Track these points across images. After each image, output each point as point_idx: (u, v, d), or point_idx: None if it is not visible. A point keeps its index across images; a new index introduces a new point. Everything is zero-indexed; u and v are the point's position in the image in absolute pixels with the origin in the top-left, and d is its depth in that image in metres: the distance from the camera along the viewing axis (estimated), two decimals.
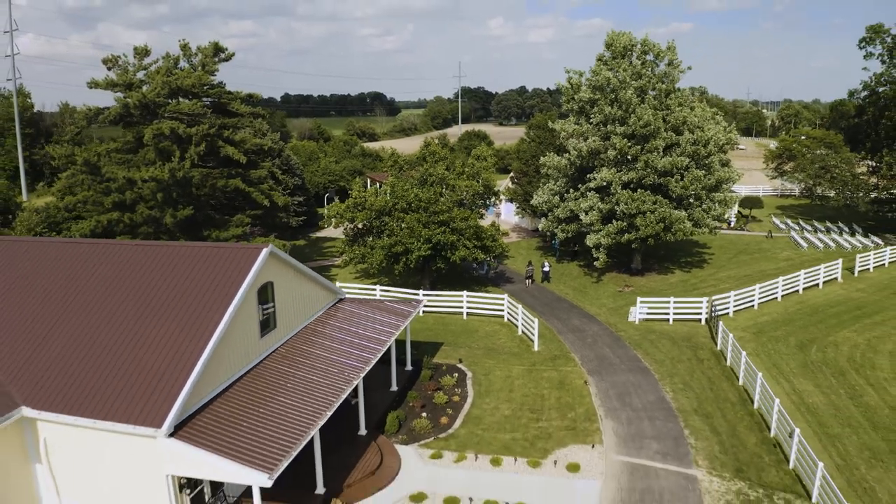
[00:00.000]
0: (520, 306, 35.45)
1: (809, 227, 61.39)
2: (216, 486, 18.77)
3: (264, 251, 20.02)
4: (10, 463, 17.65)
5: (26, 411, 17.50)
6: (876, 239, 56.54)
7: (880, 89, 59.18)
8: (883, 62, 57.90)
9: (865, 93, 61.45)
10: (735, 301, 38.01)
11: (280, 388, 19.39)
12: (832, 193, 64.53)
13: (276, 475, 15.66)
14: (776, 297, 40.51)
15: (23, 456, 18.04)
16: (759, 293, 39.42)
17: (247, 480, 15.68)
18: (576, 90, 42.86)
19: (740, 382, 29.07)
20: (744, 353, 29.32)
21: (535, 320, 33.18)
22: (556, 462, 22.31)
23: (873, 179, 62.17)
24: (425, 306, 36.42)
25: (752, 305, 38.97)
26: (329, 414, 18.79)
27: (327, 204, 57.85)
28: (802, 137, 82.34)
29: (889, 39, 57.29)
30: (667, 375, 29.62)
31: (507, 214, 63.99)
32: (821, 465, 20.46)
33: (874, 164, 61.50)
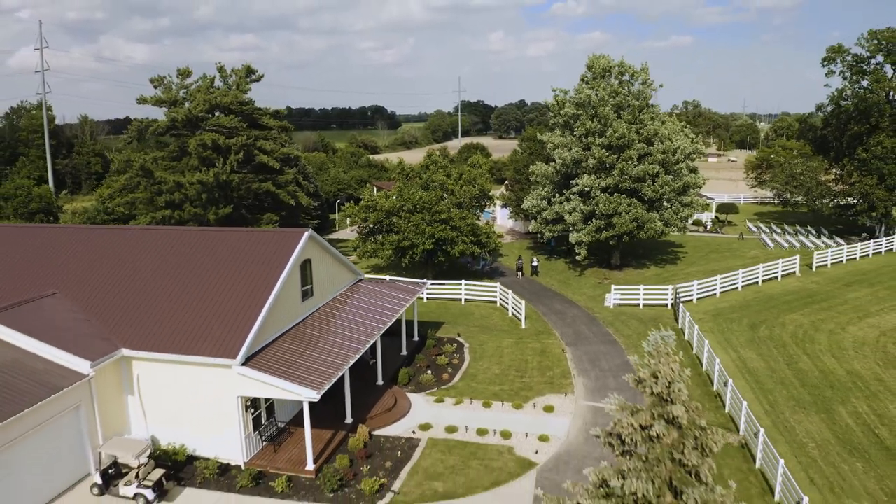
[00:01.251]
0: (510, 292, 41.08)
1: (779, 230, 67.08)
2: (269, 413, 24.31)
3: (306, 234, 25.69)
4: (109, 395, 23.12)
5: (125, 352, 23.03)
6: (839, 240, 62.19)
7: (842, 103, 65.08)
8: (844, 78, 63.81)
9: (831, 107, 67.35)
10: (698, 290, 43.62)
11: (319, 338, 24.96)
12: (800, 200, 70.23)
13: (322, 392, 21.20)
14: (737, 288, 46.13)
15: (118, 389, 23.54)
16: (721, 283, 45.05)
17: (300, 396, 21.19)
18: (561, 106, 48.69)
19: (694, 351, 34.62)
20: (696, 326, 34.93)
21: (522, 303, 38.81)
22: (535, 405, 27.79)
23: (838, 186, 67.82)
24: (429, 294, 42.01)
25: (714, 294, 44.57)
26: (357, 357, 24.37)
27: (338, 210, 63.53)
28: (780, 148, 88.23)
29: (849, 58, 63.27)
30: (632, 346, 35.17)
31: (502, 219, 69.66)
32: (745, 403, 26.01)
33: (839, 171, 67.17)
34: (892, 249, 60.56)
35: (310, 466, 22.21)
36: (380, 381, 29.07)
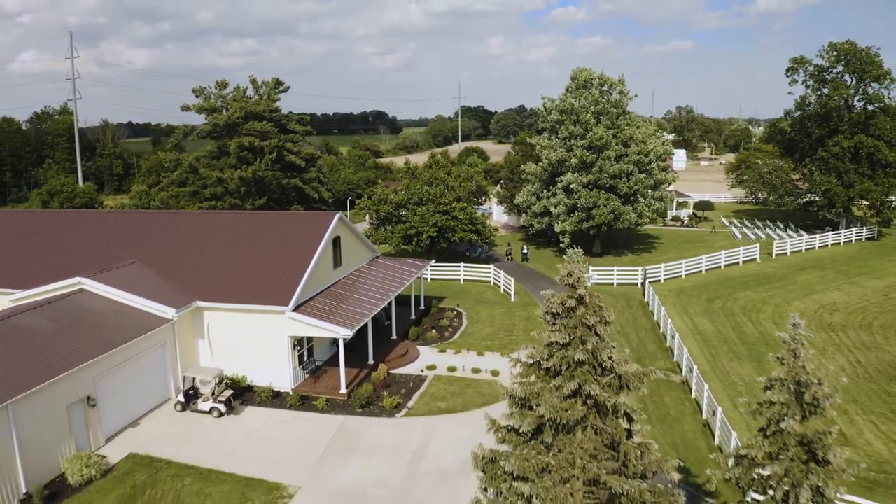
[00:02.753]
0: (502, 273, 47.78)
1: (749, 225, 73.77)
2: (310, 353, 30.97)
3: (337, 215, 32.43)
4: (186, 337, 29.79)
5: (199, 303, 29.69)
6: (804, 233, 68.79)
7: (806, 109, 71.77)
8: (807, 87, 70.53)
9: (798, 112, 74.06)
10: (665, 272, 50.29)
11: (347, 296, 31.64)
12: (770, 197, 76.94)
13: (353, 331, 27.86)
14: (701, 271, 52.81)
15: (193, 333, 30.20)
16: (686, 267, 51.73)
17: (337, 334, 27.84)
18: (548, 113, 55.46)
19: (655, 318, 41.26)
20: (657, 297, 41.58)
21: (512, 280, 45.48)
22: (519, 354, 34.36)
23: (804, 185, 74.48)
24: (432, 274, 48.68)
25: (680, 275, 51.25)
26: (377, 310, 31.04)
27: (349, 207, 70.24)
28: (756, 151, 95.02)
29: (811, 68, 70.00)
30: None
31: (497, 215, 76.37)
32: (686, 350, 32.64)
33: (805, 171, 73.83)
34: (850, 241, 67.34)
35: (343, 390, 28.87)
36: (394, 337, 35.77)
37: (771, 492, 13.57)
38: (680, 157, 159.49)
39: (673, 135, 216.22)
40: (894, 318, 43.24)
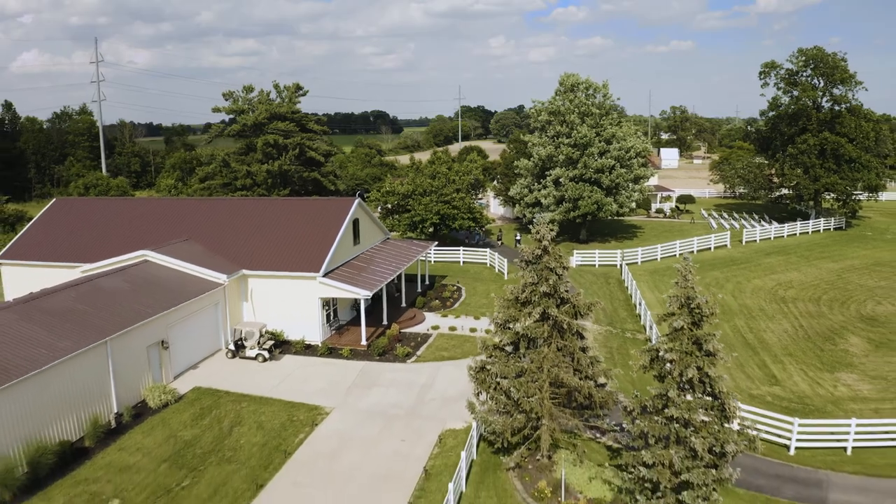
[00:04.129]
0: (496, 254, 53.98)
1: (727, 216, 79.93)
2: (335, 314, 37.18)
3: (357, 200, 38.64)
4: (233, 299, 36.00)
5: (244, 271, 35.88)
6: (776, 224, 74.88)
7: (778, 110, 77.91)
8: (778, 89, 76.64)
9: (771, 112, 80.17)
10: (642, 255, 56.48)
11: (365, 267, 37.83)
12: (746, 192, 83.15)
13: (372, 293, 34.06)
14: (675, 255, 58.97)
15: (239, 296, 36.41)
16: (661, 251, 57.91)
17: (359, 295, 34.01)
18: (539, 114, 61.64)
19: (629, 293, 47.45)
20: (631, 276, 47.75)
21: (505, 261, 51.67)
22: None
23: (777, 179, 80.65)
24: (435, 257, 54.87)
25: (655, 258, 57.44)
26: (391, 278, 37.21)
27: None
28: (737, 149, 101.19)
29: (782, 72, 76.12)
30: (583, 286, 48.02)
31: (494, 208, 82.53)
32: (649, 313, 38.80)
33: (778, 167, 79.97)
34: (818, 230, 73.51)
35: (363, 342, 35.08)
36: (403, 305, 41.98)
37: (671, 372, 19.63)
38: (672, 156, 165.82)
39: (668, 134, 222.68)
40: (842, 293, 49.40)
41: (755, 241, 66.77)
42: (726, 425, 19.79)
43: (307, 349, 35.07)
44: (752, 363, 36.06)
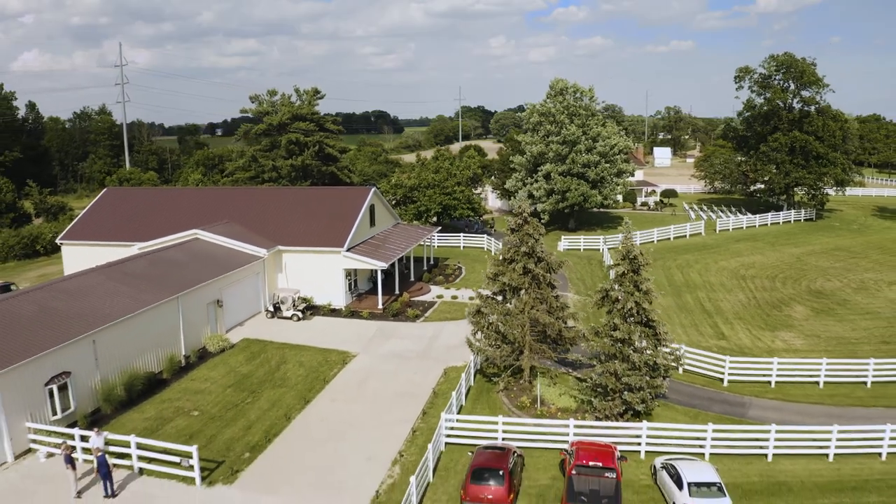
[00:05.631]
0: (493, 239, 60.86)
1: (706, 208, 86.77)
2: (355, 284, 44.09)
3: (373, 189, 45.54)
4: (271, 270, 42.88)
5: (280, 247, 42.76)
6: (749, 214, 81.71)
7: (752, 111, 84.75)
8: (752, 91, 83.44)
9: (747, 113, 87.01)
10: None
11: (381, 245, 44.71)
12: (722, 186, 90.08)
13: (388, 265, 40.94)
14: (653, 241, 65.86)
15: (275, 267, 43.29)
16: (640, 237, 64.76)
17: (376, 266, 40.88)
18: (531, 115, 68.51)
19: (607, 271, 54.26)
20: (610, 255, 54.56)
21: (500, 244, 58.49)
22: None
23: (752, 175, 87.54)
24: (439, 242, 61.80)
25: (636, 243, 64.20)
26: (403, 253, 44.07)
27: None
28: (719, 148, 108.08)
29: (756, 76, 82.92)
30: (570, 267, 54.85)
31: (492, 201, 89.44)
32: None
33: (751, 163, 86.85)
34: (789, 221, 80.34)
35: (380, 306, 41.94)
36: (412, 279, 48.89)
37: (616, 304, 26.47)
38: (665, 154, 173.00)
39: (664, 133, 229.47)
40: (797, 272, 56.25)
41: (728, 229, 73.65)
42: (659, 348, 26.65)
43: (333, 312, 41.93)
44: (706, 324, 42.92)
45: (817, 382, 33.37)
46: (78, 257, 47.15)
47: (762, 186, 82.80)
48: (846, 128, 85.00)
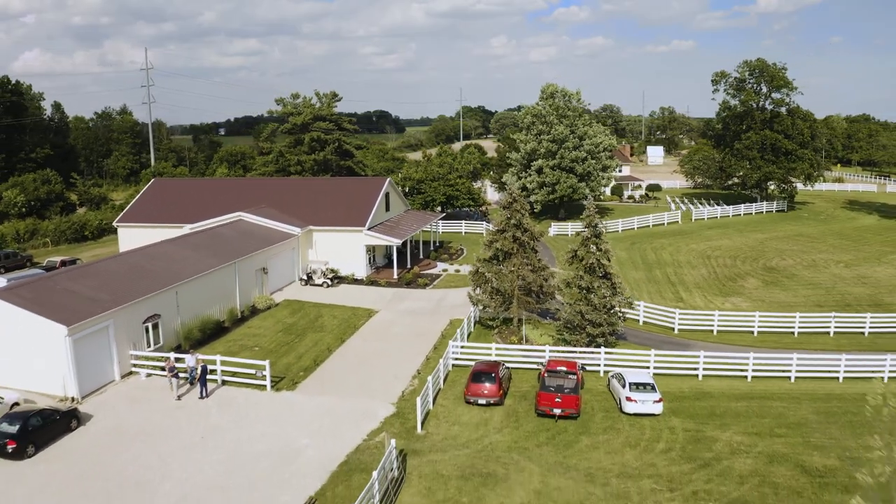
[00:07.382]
0: (491, 227, 69.05)
1: (687, 201, 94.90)
2: (373, 258, 52.30)
3: (388, 179, 53.75)
4: (303, 246, 51.05)
5: (311, 227, 50.94)
6: (725, 206, 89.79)
7: (728, 111, 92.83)
8: (727, 94, 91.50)
9: (724, 114, 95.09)
10: (608, 227, 71.42)
11: (395, 227, 52.89)
12: (702, 181, 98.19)
13: (402, 242, 49.14)
14: (633, 228, 74.01)
15: (307, 244, 51.46)
16: (622, 224, 72.97)
17: (392, 242, 49.05)
18: (525, 116, 76.68)
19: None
20: None
21: None
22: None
23: (728, 170, 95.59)
24: (443, 229, 70.05)
25: (618, 230, 72.44)
26: (413, 233, 52.25)
27: None
28: (703, 146, 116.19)
29: (731, 80, 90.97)
30: (558, 248, 63.07)
31: (491, 194, 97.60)
32: None
33: (727, 159, 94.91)
34: (762, 212, 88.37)
35: (395, 277, 50.12)
36: (421, 257, 57.11)
37: (581, 261, 34.59)
38: (657, 153, 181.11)
39: (659, 132, 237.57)
40: (757, 253, 64.32)
41: (703, 218, 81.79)
42: (616, 295, 34.80)
43: (356, 281, 50.09)
44: (669, 292, 51.05)
45: (752, 332, 41.45)
46: (133, 238, 55.15)
47: (737, 181, 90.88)
48: (815, 126, 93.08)
